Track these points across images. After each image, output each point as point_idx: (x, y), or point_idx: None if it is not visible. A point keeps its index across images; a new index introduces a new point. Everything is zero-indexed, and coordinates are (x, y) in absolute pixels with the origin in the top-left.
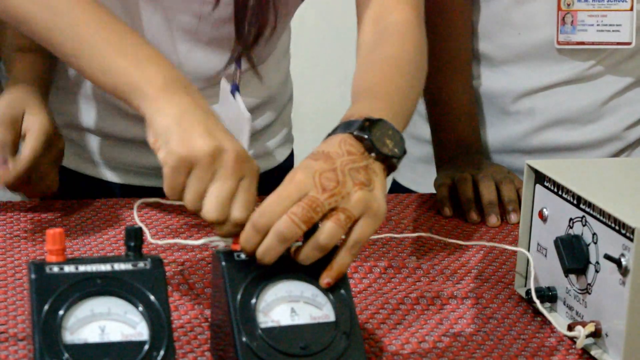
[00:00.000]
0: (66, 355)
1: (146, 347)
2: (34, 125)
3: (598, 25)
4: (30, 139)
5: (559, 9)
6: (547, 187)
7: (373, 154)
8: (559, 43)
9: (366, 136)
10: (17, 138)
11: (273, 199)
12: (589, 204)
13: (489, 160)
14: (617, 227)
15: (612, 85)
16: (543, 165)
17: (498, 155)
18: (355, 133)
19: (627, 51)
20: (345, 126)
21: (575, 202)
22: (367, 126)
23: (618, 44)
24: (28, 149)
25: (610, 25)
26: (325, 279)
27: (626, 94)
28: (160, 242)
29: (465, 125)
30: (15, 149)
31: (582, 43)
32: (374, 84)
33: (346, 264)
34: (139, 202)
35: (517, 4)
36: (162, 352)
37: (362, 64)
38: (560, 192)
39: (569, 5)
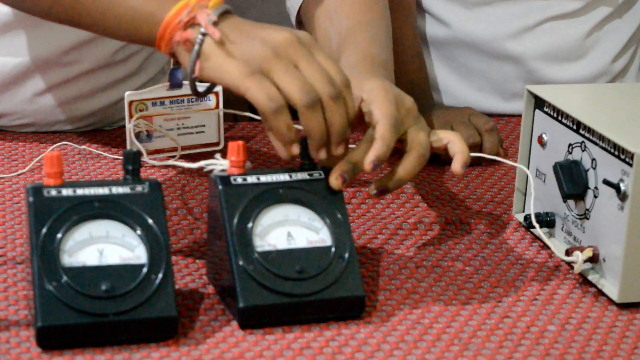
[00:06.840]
0: (65, 278)
1: (144, 270)
2: None
3: None
4: None
5: None
6: (546, 113)
7: None
8: None
9: None
10: None
11: None
12: (589, 129)
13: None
14: (616, 152)
15: (591, 18)
16: (543, 90)
17: (481, 99)
18: None
19: None
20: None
21: (574, 127)
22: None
23: None
24: None
25: None
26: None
27: (605, 26)
28: (157, 163)
29: (415, 68)
30: None
31: None
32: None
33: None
34: (134, 118)
35: None
36: (160, 275)
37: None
38: (559, 118)
39: None
